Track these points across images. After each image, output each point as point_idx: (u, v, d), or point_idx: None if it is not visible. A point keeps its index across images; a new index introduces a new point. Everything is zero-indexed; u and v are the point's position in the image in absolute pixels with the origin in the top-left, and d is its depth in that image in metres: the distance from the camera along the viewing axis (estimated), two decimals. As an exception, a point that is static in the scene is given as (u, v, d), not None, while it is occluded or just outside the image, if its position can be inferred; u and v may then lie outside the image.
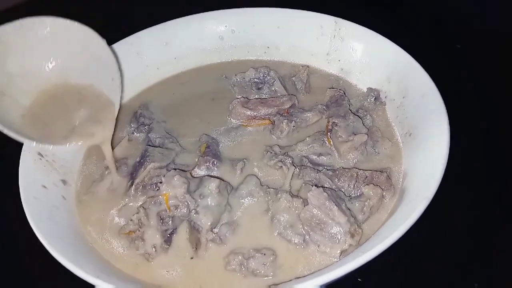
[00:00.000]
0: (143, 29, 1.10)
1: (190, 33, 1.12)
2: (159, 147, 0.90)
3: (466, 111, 1.04)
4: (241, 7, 1.12)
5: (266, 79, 1.03)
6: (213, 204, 0.75)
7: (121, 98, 0.93)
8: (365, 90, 1.00)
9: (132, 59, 1.08)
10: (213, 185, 0.76)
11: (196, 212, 0.75)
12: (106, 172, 0.89)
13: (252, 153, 0.91)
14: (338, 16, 1.06)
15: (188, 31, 1.12)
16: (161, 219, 0.74)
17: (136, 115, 1.00)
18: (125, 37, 1.08)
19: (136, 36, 1.09)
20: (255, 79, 1.04)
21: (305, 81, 1.04)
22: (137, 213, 0.75)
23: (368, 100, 0.97)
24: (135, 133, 0.97)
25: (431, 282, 0.80)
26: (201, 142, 0.92)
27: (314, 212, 0.72)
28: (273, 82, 1.03)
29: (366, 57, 1.02)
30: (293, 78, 1.05)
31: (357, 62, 1.04)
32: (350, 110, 0.93)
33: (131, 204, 0.82)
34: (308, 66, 1.06)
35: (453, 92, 0.87)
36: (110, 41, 1.05)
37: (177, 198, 0.75)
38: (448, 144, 0.74)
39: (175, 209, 0.74)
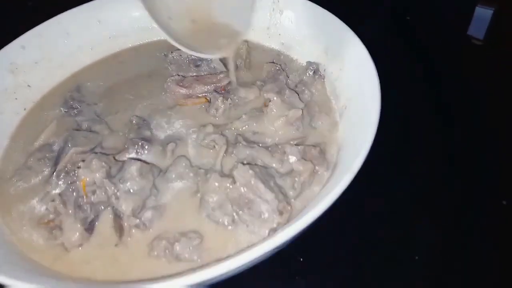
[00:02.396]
0: (73, 7, 1.04)
1: (125, 10, 1.06)
2: (85, 130, 0.85)
3: (402, 82, 1.01)
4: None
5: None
6: (135, 188, 0.71)
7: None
8: (304, 64, 0.97)
9: (62, 39, 1.02)
10: (133, 168, 0.72)
11: (117, 198, 0.70)
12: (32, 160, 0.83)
13: (186, 133, 0.87)
14: (276, -12, 1.01)
15: (122, 8, 1.06)
16: (78, 206, 0.69)
17: (66, 98, 0.94)
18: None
19: (66, 14, 1.02)
20: (193, 56, 0.99)
21: (244, 57, 1.00)
22: (53, 201, 0.70)
23: (307, 74, 0.94)
24: (64, 117, 0.91)
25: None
26: (131, 125, 0.87)
27: (242, 190, 0.69)
28: (212, 59, 0.98)
29: (304, 30, 0.99)
30: (232, 56, 1.00)
31: (296, 36, 1.00)
32: (287, 85, 0.90)
33: (53, 192, 0.77)
34: (247, 42, 1.02)
35: (389, 63, 0.84)
36: (37, 22, 0.99)
37: (95, 183, 0.70)
38: (378, 114, 0.72)
39: (93, 195, 0.70)
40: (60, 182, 0.77)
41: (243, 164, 0.72)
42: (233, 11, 0.86)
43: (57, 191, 0.77)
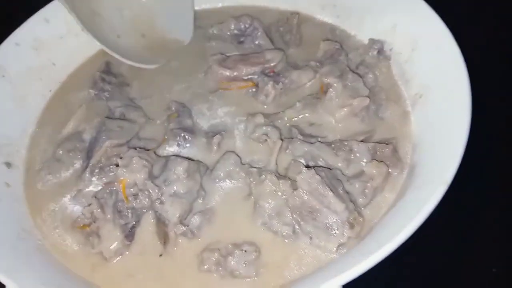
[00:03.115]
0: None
1: None
2: (120, 119, 0.75)
3: (491, 68, 0.86)
4: None
5: (248, 31, 0.87)
6: (181, 191, 0.62)
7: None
8: (366, 41, 0.84)
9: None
10: (180, 169, 0.62)
11: (161, 202, 0.61)
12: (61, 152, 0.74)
13: (231, 123, 0.76)
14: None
15: None
16: (118, 211, 0.60)
17: (95, 78, 0.84)
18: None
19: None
20: (235, 31, 0.88)
21: (294, 32, 0.87)
22: (89, 205, 0.61)
23: (370, 54, 0.81)
24: (94, 101, 0.81)
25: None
26: (170, 111, 0.77)
27: (305, 198, 0.59)
28: (257, 34, 0.86)
29: (367, 0, 0.85)
30: (281, 29, 0.88)
31: (356, 7, 0.87)
32: (349, 67, 0.78)
33: (86, 190, 0.68)
34: (298, 14, 0.89)
35: (474, 46, 0.71)
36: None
37: (136, 185, 0.61)
38: (470, 109, 0.60)
39: (134, 200, 0.61)
40: (94, 179, 0.69)
41: (308, 166, 0.61)
42: (173, 21, 0.88)
43: (91, 188, 0.68)
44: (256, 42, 0.87)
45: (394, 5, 0.81)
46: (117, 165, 0.64)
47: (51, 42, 0.87)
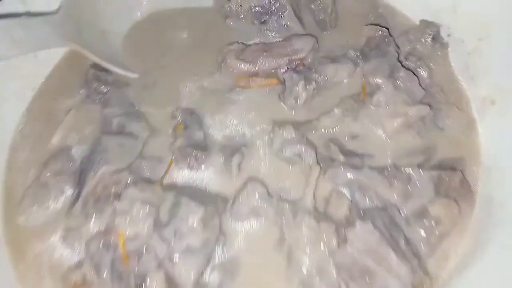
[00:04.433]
0: None
1: None
2: (118, 133, 0.61)
3: None
4: None
5: (273, 8, 0.70)
6: (196, 244, 0.48)
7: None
8: (417, 23, 0.67)
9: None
10: (194, 218, 0.48)
11: (171, 260, 0.48)
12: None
13: (253, 134, 0.62)
14: None
15: None
16: (117, 273, 0.48)
17: (87, 76, 0.68)
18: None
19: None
20: (257, 7, 0.70)
21: (329, 11, 0.70)
22: (80, 266, 0.48)
23: (423, 40, 0.65)
24: (86, 104, 0.66)
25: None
26: (175, 120, 0.62)
27: (357, 256, 0.46)
28: (284, 12, 0.69)
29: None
30: (312, 6, 0.71)
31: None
32: (401, 63, 0.61)
33: (78, 229, 0.55)
34: None
35: None
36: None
37: (139, 238, 0.48)
38: None
39: (137, 259, 0.47)
40: (89, 213, 0.55)
41: (363, 221, 0.47)
42: None
43: (84, 227, 0.55)
44: (282, 23, 0.70)
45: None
46: (116, 196, 0.50)
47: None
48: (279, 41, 0.67)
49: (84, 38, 0.66)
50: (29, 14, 0.66)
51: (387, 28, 0.65)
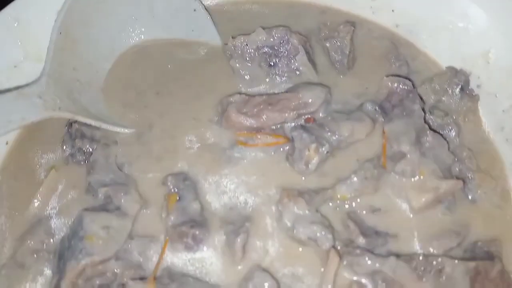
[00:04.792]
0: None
1: None
2: (104, 208, 0.53)
3: None
4: None
5: (283, 49, 0.61)
6: None
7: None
8: (442, 66, 0.60)
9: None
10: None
11: None
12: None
13: (258, 204, 0.54)
14: None
15: None
16: None
17: (70, 130, 0.60)
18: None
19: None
20: (266, 48, 0.62)
21: (347, 51, 0.62)
22: None
23: (450, 91, 0.57)
24: (69, 164, 0.59)
25: None
26: (167, 189, 0.54)
27: None
28: (295, 55, 0.61)
29: (443, 10, 0.60)
30: (327, 44, 0.63)
31: (427, 17, 0.62)
32: (428, 125, 0.54)
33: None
34: (353, 26, 0.63)
35: None
36: None
37: None
38: None
39: None
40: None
41: None
42: None
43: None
44: (293, 67, 0.62)
45: (488, 20, 0.56)
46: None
47: (1, 74, 0.62)
48: (286, 92, 0.59)
49: (70, 97, 0.59)
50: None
51: (411, 80, 0.57)
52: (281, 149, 0.57)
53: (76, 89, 0.60)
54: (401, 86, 0.56)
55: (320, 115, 0.58)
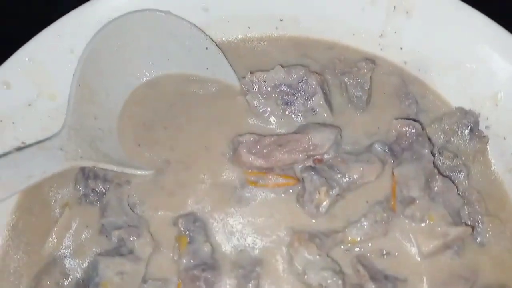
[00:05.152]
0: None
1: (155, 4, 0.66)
2: (118, 252, 0.54)
3: None
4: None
5: (301, 89, 0.62)
6: None
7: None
8: (451, 105, 0.60)
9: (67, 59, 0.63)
10: None
11: None
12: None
13: (269, 246, 0.55)
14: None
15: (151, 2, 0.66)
16: None
17: (84, 171, 0.61)
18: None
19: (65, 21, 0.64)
20: (283, 86, 0.62)
21: (367, 88, 0.62)
22: None
23: (459, 132, 0.58)
24: (82, 204, 0.60)
25: None
26: (178, 231, 0.55)
27: None
28: (313, 96, 0.61)
29: (453, 51, 0.60)
30: (346, 79, 0.63)
31: (436, 57, 0.62)
32: (437, 169, 0.54)
33: None
34: (374, 63, 0.63)
35: None
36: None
37: None
38: None
39: None
40: None
41: None
42: None
43: None
44: (309, 106, 0.62)
45: (495, 64, 0.56)
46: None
47: (16, 113, 0.63)
48: (295, 133, 0.60)
49: (92, 146, 0.60)
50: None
51: (420, 122, 0.58)
52: (291, 190, 0.58)
53: (98, 137, 0.61)
54: (410, 129, 0.57)
55: (329, 156, 0.59)
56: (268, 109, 0.62)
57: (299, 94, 0.61)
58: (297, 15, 0.68)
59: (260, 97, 0.62)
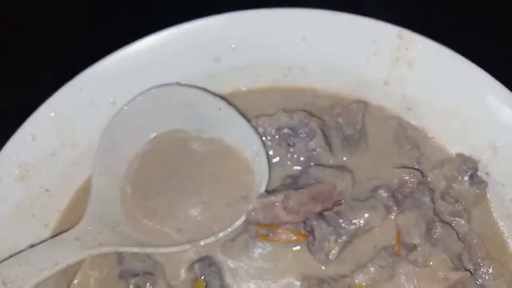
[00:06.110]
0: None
1: (169, 56, 0.70)
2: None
3: None
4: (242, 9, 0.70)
5: (302, 130, 0.66)
6: None
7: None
8: (451, 152, 0.64)
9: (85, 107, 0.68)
10: None
11: None
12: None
13: (283, 293, 0.58)
14: (404, 26, 0.64)
15: (165, 54, 0.70)
16: None
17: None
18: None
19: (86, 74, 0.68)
20: (286, 129, 0.66)
21: (358, 126, 0.66)
22: None
23: (459, 178, 0.61)
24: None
25: None
26: (193, 274, 0.59)
27: None
28: (313, 138, 0.66)
29: (454, 100, 0.64)
30: (339, 120, 0.67)
31: (437, 105, 0.66)
32: (438, 216, 0.58)
33: None
34: (365, 104, 0.68)
35: None
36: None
37: None
38: None
39: None
40: None
41: None
42: None
43: None
44: (310, 147, 0.66)
45: (495, 114, 0.59)
46: None
47: (41, 163, 0.67)
48: (320, 183, 0.62)
49: (115, 230, 0.61)
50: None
51: (420, 170, 0.62)
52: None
53: (122, 221, 0.62)
54: (411, 178, 0.60)
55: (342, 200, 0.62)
56: (271, 151, 0.67)
57: (301, 136, 0.66)
58: (305, 64, 0.72)
59: (265, 139, 0.66)
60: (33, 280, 0.53)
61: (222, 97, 0.68)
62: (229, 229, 0.60)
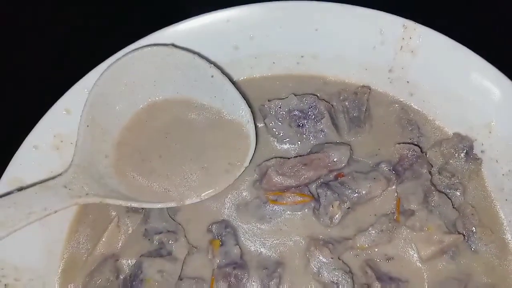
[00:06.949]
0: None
1: (191, 42, 0.77)
2: (158, 253, 0.63)
3: None
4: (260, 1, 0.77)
5: (311, 113, 0.72)
6: None
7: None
8: (449, 132, 0.69)
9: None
10: None
11: None
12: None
13: (289, 250, 0.64)
14: (409, 17, 0.70)
15: (186, 40, 0.77)
16: None
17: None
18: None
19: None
20: (296, 111, 0.72)
21: (364, 108, 0.72)
22: None
23: (456, 155, 0.66)
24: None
25: None
26: (211, 235, 0.65)
27: None
28: (321, 119, 0.71)
29: (453, 85, 0.69)
30: (346, 103, 0.73)
31: (437, 90, 0.71)
32: (434, 186, 0.63)
33: None
34: (369, 88, 0.73)
35: None
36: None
37: None
38: None
39: None
40: None
41: None
42: None
43: None
44: (318, 128, 0.71)
45: (490, 96, 0.65)
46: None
47: (74, 135, 0.73)
48: (316, 152, 0.68)
49: (100, 182, 0.62)
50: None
51: (420, 146, 0.67)
52: (306, 210, 0.66)
53: (107, 174, 0.63)
54: (411, 152, 0.66)
55: (348, 170, 0.67)
56: (283, 130, 0.71)
57: (310, 117, 0.71)
58: (316, 52, 0.78)
59: (276, 120, 0.71)
60: (22, 223, 0.54)
61: (216, 66, 0.70)
62: (212, 192, 0.64)
